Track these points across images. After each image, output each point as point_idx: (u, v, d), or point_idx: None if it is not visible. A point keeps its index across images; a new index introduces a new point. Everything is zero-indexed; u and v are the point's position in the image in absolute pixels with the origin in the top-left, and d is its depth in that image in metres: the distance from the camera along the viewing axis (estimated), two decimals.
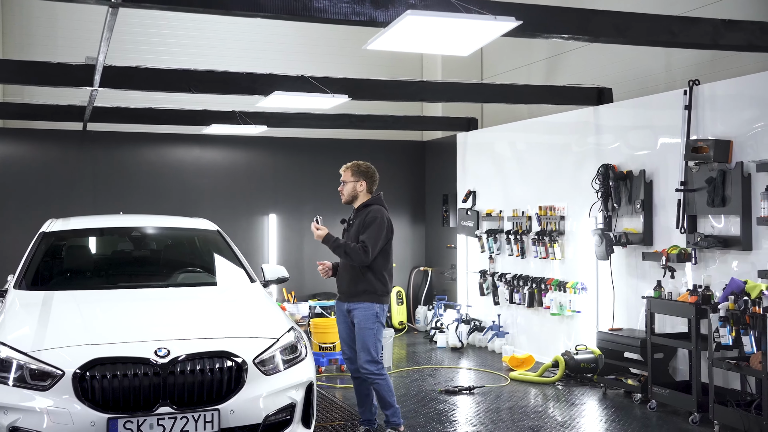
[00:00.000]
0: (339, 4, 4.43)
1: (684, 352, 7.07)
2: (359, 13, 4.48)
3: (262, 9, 4.30)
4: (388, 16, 4.53)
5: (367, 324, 5.86)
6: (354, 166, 6.07)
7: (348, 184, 6.03)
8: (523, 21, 4.53)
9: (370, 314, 5.87)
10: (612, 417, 6.77)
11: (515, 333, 9.74)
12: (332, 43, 11.60)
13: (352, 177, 6.02)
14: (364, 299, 5.87)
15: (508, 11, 4.61)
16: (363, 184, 6.03)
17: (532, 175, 9.56)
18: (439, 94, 8.21)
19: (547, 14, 4.93)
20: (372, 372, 5.84)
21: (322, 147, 11.92)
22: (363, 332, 5.86)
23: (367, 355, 5.84)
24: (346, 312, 5.98)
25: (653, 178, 7.57)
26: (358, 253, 5.77)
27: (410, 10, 4.30)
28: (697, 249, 6.92)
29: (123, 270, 6.42)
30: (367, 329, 5.85)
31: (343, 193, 6.08)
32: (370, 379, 5.88)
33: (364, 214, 5.95)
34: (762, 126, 6.47)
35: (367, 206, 6.01)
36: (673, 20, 5.31)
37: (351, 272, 5.91)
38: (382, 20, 4.53)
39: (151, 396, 4.57)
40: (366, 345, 5.84)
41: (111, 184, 10.89)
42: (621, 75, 8.69)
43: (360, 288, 5.87)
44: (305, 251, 11.82)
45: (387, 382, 5.92)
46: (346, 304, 5.98)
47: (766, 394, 5.75)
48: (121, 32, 10.51)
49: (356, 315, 5.89)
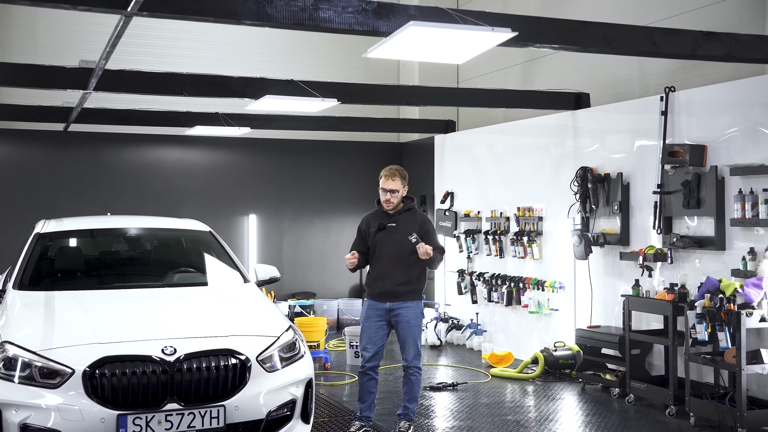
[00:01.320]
0: (344, 14, 4.60)
1: (659, 348, 7.37)
2: (363, 23, 4.67)
3: (271, 19, 4.46)
4: (390, 26, 4.72)
5: (417, 322, 6.17)
6: (401, 171, 6.20)
7: (399, 192, 6.15)
8: (519, 32, 4.74)
9: (419, 312, 6.21)
10: (591, 411, 7.03)
11: (493, 331, 9.99)
12: (312, 47, 11.75)
13: (401, 184, 6.16)
14: (411, 298, 6.15)
15: (504, 22, 4.82)
16: (406, 189, 6.24)
17: (510, 177, 9.82)
18: (424, 97, 8.42)
19: (539, 25, 5.15)
20: (418, 366, 6.19)
21: (302, 148, 12.08)
22: (414, 330, 6.14)
23: (416, 351, 6.16)
24: (386, 311, 6.16)
25: (630, 180, 7.86)
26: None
27: (412, 21, 4.49)
28: (672, 249, 7.22)
29: (121, 270, 6.53)
30: (417, 327, 6.18)
31: (392, 202, 6.14)
32: (413, 372, 6.18)
33: (414, 220, 6.16)
34: (735, 132, 6.77)
35: (408, 210, 6.22)
36: (656, 31, 5.58)
37: (399, 274, 6.10)
38: (384, 30, 4.72)
39: (158, 393, 4.70)
40: (416, 341, 6.16)
41: (94, 184, 10.93)
42: (597, 80, 8.96)
43: (408, 288, 6.13)
44: (285, 251, 11.97)
45: (421, 377, 6.31)
46: (388, 304, 6.14)
47: (739, 387, 6.05)
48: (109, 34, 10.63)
49: (405, 314, 6.12)
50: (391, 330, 6.26)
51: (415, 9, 4.81)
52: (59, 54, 9.58)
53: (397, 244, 6.10)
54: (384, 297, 6.17)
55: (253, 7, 4.42)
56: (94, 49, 9.68)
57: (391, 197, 6.14)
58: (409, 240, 5.96)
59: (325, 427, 6.48)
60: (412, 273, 6.15)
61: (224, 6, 4.36)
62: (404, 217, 6.20)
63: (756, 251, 6.43)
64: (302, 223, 12.14)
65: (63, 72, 6.83)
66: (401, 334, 6.18)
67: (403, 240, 6.06)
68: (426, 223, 6.23)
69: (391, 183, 6.13)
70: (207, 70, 7.87)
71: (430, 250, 5.95)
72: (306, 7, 4.54)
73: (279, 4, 4.49)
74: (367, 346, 6.24)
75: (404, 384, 6.27)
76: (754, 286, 6.18)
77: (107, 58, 5.49)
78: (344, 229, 12.36)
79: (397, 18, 4.73)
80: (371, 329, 6.23)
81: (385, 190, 6.15)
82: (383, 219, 6.23)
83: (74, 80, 6.87)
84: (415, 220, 6.19)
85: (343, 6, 4.64)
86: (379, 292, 6.19)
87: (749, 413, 6.04)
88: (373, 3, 4.71)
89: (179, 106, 10.01)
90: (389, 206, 6.18)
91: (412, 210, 6.26)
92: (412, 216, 6.21)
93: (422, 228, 6.15)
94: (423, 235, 6.09)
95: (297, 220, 12.11)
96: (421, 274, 6.23)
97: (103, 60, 5.56)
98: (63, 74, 6.84)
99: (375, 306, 6.22)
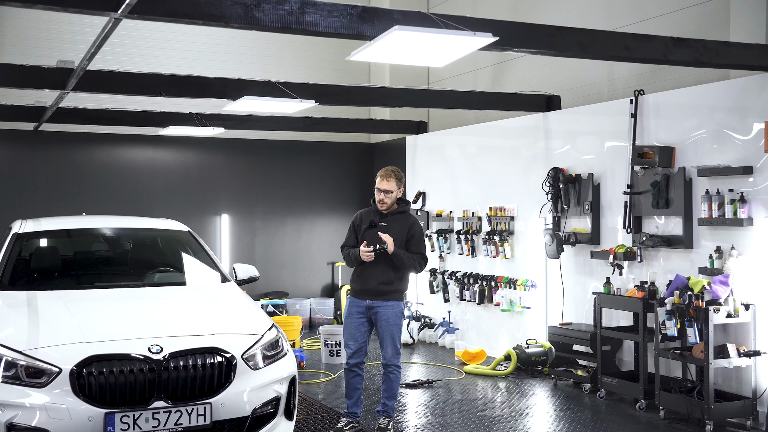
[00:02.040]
0: (329, 18, 4.70)
1: (629, 344, 7.57)
2: (348, 27, 4.77)
3: (259, 23, 4.54)
4: (375, 30, 4.82)
5: (396, 321, 6.26)
6: (396, 173, 6.28)
7: (393, 193, 6.24)
8: (499, 37, 4.87)
9: (398, 312, 6.29)
10: (564, 405, 7.21)
11: (465, 329, 10.14)
12: (288, 49, 11.81)
13: (396, 185, 6.25)
14: (393, 298, 6.25)
15: (484, 27, 4.95)
16: (401, 191, 6.34)
17: (482, 178, 9.98)
18: (400, 99, 8.53)
19: (518, 30, 5.29)
20: (397, 365, 6.30)
21: (274, 148, 12.13)
22: (392, 329, 6.24)
23: (394, 350, 6.26)
24: (366, 309, 6.27)
25: (600, 181, 8.06)
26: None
27: (397, 26, 4.60)
28: (642, 248, 7.42)
29: (102, 270, 6.55)
30: (396, 326, 6.27)
31: (386, 202, 6.24)
32: (392, 370, 6.28)
33: (404, 223, 6.26)
34: (701, 134, 6.99)
35: (401, 213, 6.32)
36: (629, 37, 5.75)
37: (383, 273, 6.19)
38: (369, 34, 4.82)
39: (146, 391, 4.75)
40: (394, 340, 6.26)
41: (63, 185, 10.87)
42: (566, 83, 9.13)
43: (390, 288, 6.22)
44: (257, 251, 12.01)
45: (401, 375, 6.43)
46: (368, 302, 6.25)
47: (707, 381, 6.26)
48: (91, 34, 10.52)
49: (384, 313, 6.22)
50: (372, 327, 6.36)
51: (398, 13, 4.92)
52: (30, 53, 9.53)
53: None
54: (365, 294, 6.27)
55: (241, 10, 4.50)
56: (69, 49, 9.76)
57: (385, 197, 6.25)
58: (377, 248, 6.07)
59: (303, 424, 6.56)
60: (396, 273, 6.23)
61: (213, 9, 4.42)
62: (396, 218, 6.30)
63: (722, 249, 6.65)
64: (274, 223, 12.19)
65: (41, 72, 6.82)
66: (380, 332, 6.29)
67: (398, 243, 6.18)
68: (415, 226, 6.31)
69: (386, 183, 6.23)
70: (181, 71, 7.89)
71: (391, 246, 6.04)
72: (293, 11, 4.63)
73: (266, 7, 4.57)
74: (348, 343, 6.35)
75: (383, 381, 6.38)
76: (721, 284, 6.40)
77: (90, 58, 5.51)
78: (316, 229, 12.45)
79: (382, 22, 4.83)
80: (353, 326, 6.33)
81: (380, 190, 6.25)
82: (376, 217, 6.34)
83: (52, 80, 6.86)
84: (406, 222, 6.29)
85: (329, 10, 4.74)
86: (361, 288, 6.30)
87: (716, 406, 6.26)
88: (358, 7, 4.82)
89: (153, 106, 9.99)
90: (383, 206, 6.28)
91: (405, 213, 6.36)
92: (404, 218, 6.31)
93: (410, 231, 6.25)
94: (409, 239, 6.22)
95: (269, 220, 12.16)
96: (405, 275, 6.33)
97: (86, 60, 5.57)
98: (41, 74, 6.82)
99: (356, 303, 6.32)
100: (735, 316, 6.36)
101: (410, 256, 6.18)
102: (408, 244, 6.22)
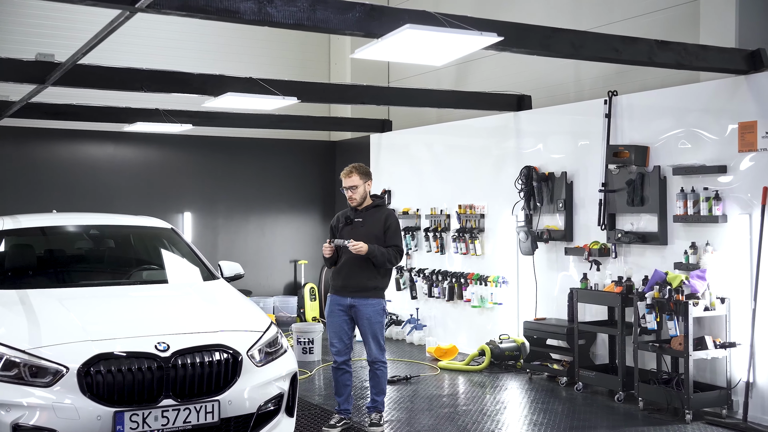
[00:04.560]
0: (339, 16, 4.74)
1: (603, 338, 7.79)
2: (358, 25, 4.81)
3: (272, 18, 4.54)
4: (383, 28, 4.87)
5: (378, 319, 6.27)
6: (358, 168, 6.29)
7: (359, 188, 6.25)
8: (504, 37, 4.98)
9: (380, 309, 6.29)
10: (543, 398, 7.37)
11: (433, 326, 10.25)
12: (252, 45, 11.75)
13: (361, 179, 6.26)
14: (373, 295, 6.25)
15: (486, 27, 5.05)
16: (370, 184, 6.35)
17: (450, 176, 10.10)
18: (376, 97, 8.59)
19: (518, 31, 5.40)
20: (383, 360, 6.33)
21: (236, 146, 12.03)
22: (375, 326, 6.25)
23: (378, 347, 6.28)
24: (348, 306, 6.27)
25: (574, 179, 8.26)
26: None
27: (408, 24, 4.67)
28: (617, 244, 7.64)
29: (90, 267, 6.41)
30: (378, 323, 6.27)
31: (354, 198, 6.27)
32: (378, 367, 6.30)
33: (379, 216, 6.28)
34: (674, 134, 7.24)
35: (376, 207, 6.35)
36: (617, 39, 5.93)
37: (362, 270, 6.20)
38: (377, 32, 4.87)
39: (154, 389, 4.70)
40: (377, 337, 6.27)
41: (18, 182, 10.56)
42: (532, 83, 9.26)
43: (371, 285, 6.22)
44: (220, 249, 11.89)
45: (387, 370, 6.43)
46: (349, 299, 6.25)
47: (687, 372, 6.49)
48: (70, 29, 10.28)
49: (365, 311, 6.22)
50: (355, 324, 6.40)
51: (404, 12, 4.98)
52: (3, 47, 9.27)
53: (362, 240, 6.19)
54: (346, 291, 6.29)
55: (255, 6, 4.50)
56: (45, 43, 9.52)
57: (353, 194, 6.28)
58: (346, 244, 6.09)
59: (304, 421, 6.56)
60: (376, 270, 6.27)
61: (228, 5, 4.41)
62: (371, 212, 6.34)
63: (697, 245, 6.90)
64: (237, 221, 12.10)
65: (19, 65, 6.63)
66: (362, 331, 6.32)
67: (369, 236, 6.21)
68: (390, 218, 6.34)
69: (348, 180, 6.27)
70: (158, 66, 7.76)
71: (362, 248, 6.05)
72: (304, 8, 4.64)
73: (278, 3, 4.58)
74: (333, 341, 6.37)
75: (370, 378, 6.42)
76: (699, 278, 6.65)
77: (86, 53, 5.40)
78: (278, 227, 12.40)
79: (389, 20, 4.89)
80: (336, 324, 6.35)
81: (346, 187, 6.30)
82: (352, 215, 6.38)
83: (29, 74, 6.69)
84: (381, 215, 6.33)
85: (339, 8, 4.77)
86: (341, 285, 6.31)
87: (694, 396, 6.50)
88: (367, 5, 4.86)
89: (118, 101, 9.80)
90: (353, 203, 6.32)
91: (380, 207, 6.41)
92: (379, 212, 6.35)
93: (386, 223, 6.29)
94: (385, 231, 6.25)
95: (232, 218, 12.06)
96: (386, 272, 6.37)
97: (80, 54, 5.46)
98: (19, 67, 6.64)
99: (337, 300, 6.34)
100: (712, 309, 6.62)
101: (384, 252, 6.17)
102: (384, 237, 6.25)
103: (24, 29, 10.25)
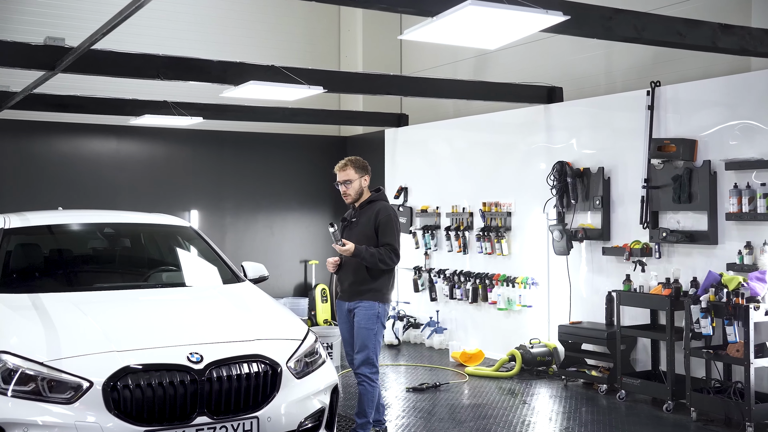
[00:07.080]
0: None
1: (644, 343, 7.35)
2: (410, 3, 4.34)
3: None
4: (438, 6, 4.40)
5: (367, 324, 5.61)
6: (354, 161, 5.74)
7: (354, 183, 5.69)
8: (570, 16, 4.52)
9: (372, 314, 5.62)
10: (584, 407, 6.90)
11: (453, 329, 9.79)
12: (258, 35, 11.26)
13: (356, 173, 5.70)
14: (367, 298, 5.63)
15: (549, 5, 4.58)
16: (367, 179, 5.79)
17: (472, 172, 9.63)
18: (403, 88, 8.10)
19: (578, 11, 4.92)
20: (365, 374, 5.61)
21: (244, 142, 11.54)
22: (362, 332, 5.61)
23: (363, 357, 5.61)
24: (347, 311, 5.76)
25: (611, 175, 7.81)
26: (391, 257, 5.55)
27: (471, 0, 4.19)
28: (661, 244, 7.20)
29: (106, 269, 5.90)
30: (367, 329, 5.61)
31: (348, 194, 5.69)
32: (360, 380, 5.65)
33: (372, 212, 5.67)
34: (724, 127, 6.81)
35: (371, 202, 5.76)
36: (680, 22, 5.47)
37: (356, 271, 5.65)
38: (432, 10, 4.40)
39: (187, 405, 4.24)
40: (364, 345, 5.60)
41: (18, 177, 10.03)
42: (557, 76, 8.80)
43: (364, 287, 5.62)
44: (227, 248, 11.36)
45: (375, 390, 5.68)
46: (347, 304, 5.74)
47: (747, 381, 6.04)
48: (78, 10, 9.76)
49: (357, 314, 5.66)
50: None
51: None
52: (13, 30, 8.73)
53: (355, 240, 5.59)
54: (344, 296, 5.77)
55: None
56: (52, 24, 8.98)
57: (347, 189, 5.71)
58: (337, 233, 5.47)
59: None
60: (368, 271, 5.62)
61: None
62: (365, 209, 5.73)
63: (753, 245, 6.47)
64: (245, 219, 11.59)
65: (27, 50, 6.11)
66: (354, 336, 5.74)
67: (360, 236, 5.62)
68: (382, 212, 5.63)
69: (342, 174, 5.71)
70: (173, 53, 7.25)
71: (347, 249, 5.44)
72: None
73: None
74: (346, 349, 5.85)
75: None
76: (758, 280, 6.22)
77: (105, 34, 4.90)
78: (288, 225, 11.91)
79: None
80: (345, 332, 5.83)
81: (339, 182, 5.75)
82: (350, 214, 5.86)
83: (38, 60, 6.18)
84: (373, 211, 5.67)
85: None
86: (340, 290, 5.83)
87: (756, 407, 6.06)
88: None
89: (125, 93, 9.28)
90: (348, 199, 5.74)
91: (374, 201, 5.75)
92: (371, 208, 5.70)
93: (377, 218, 5.62)
94: (376, 228, 5.61)
95: (239, 215, 11.55)
96: (380, 273, 5.64)
97: (100, 35, 4.96)
98: (27, 52, 6.12)
99: (341, 306, 5.83)
100: None
101: (374, 252, 5.50)
102: (377, 234, 5.62)
103: (29, 9, 9.68)
